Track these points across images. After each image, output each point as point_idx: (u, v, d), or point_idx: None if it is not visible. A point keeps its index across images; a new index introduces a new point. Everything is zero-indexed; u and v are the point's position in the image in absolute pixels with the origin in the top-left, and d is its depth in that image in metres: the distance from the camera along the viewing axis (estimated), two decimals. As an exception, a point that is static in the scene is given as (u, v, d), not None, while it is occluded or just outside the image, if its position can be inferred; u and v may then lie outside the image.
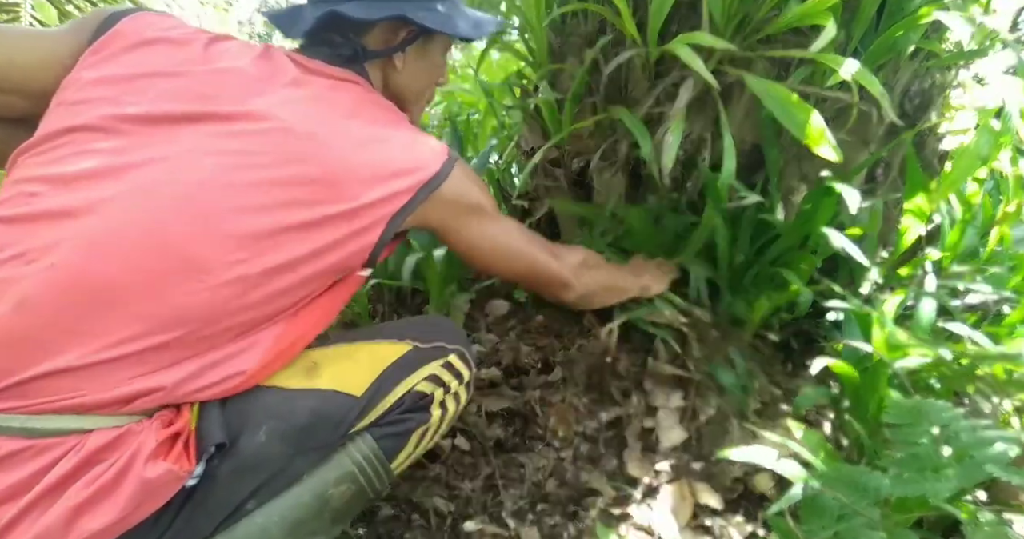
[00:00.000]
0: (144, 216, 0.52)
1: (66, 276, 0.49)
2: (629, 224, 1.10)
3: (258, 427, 0.56)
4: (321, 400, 0.60)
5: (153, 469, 0.49)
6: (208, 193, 0.54)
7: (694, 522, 0.83)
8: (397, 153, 0.63)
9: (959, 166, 0.98)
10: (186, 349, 0.54)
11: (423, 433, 0.68)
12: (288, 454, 0.58)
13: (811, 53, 0.82)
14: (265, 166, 0.56)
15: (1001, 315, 1.02)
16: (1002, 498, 0.80)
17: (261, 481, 0.57)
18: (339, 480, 0.60)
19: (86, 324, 0.49)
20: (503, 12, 1.56)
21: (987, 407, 0.90)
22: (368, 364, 0.64)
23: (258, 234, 0.55)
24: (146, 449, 0.50)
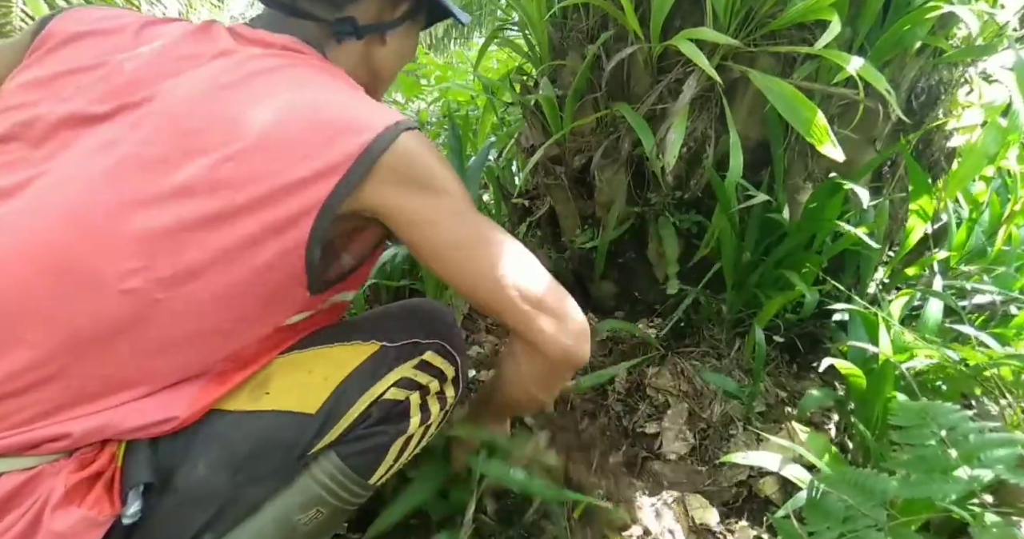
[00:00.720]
0: (31, 235, 0.46)
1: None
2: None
3: (196, 459, 0.50)
4: (267, 424, 0.53)
5: (63, 520, 0.44)
6: (96, 197, 0.47)
7: (698, 527, 0.82)
8: (329, 120, 0.50)
9: (966, 164, 0.96)
10: (91, 385, 0.47)
11: (404, 442, 0.58)
12: (237, 484, 0.52)
13: (816, 49, 0.81)
14: (160, 157, 0.48)
15: (1009, 316, 1.01)
16: (1009, 501, 0.79)
17: (211, 515, 0.51)
18: (305, 505, 0.54)
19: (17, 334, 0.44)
20: (504, 7, 1.54)
21: (994, 409, 0.89)
22: (323, 375, 0.55)
23: (153, 235, 0.46)
24: (55, 497, 0.45)
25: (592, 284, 1.27)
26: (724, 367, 1.06)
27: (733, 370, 1.05)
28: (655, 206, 1.09)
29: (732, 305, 1.08)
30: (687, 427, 0.97)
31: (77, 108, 0.50)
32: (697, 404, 1.01)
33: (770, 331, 1.03)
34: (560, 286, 0.58)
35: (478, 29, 5.46)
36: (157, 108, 0.50)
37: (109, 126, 0.50)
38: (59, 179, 0.48)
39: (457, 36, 6.14)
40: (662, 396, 1.03)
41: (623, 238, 1.16)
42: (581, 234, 1.21)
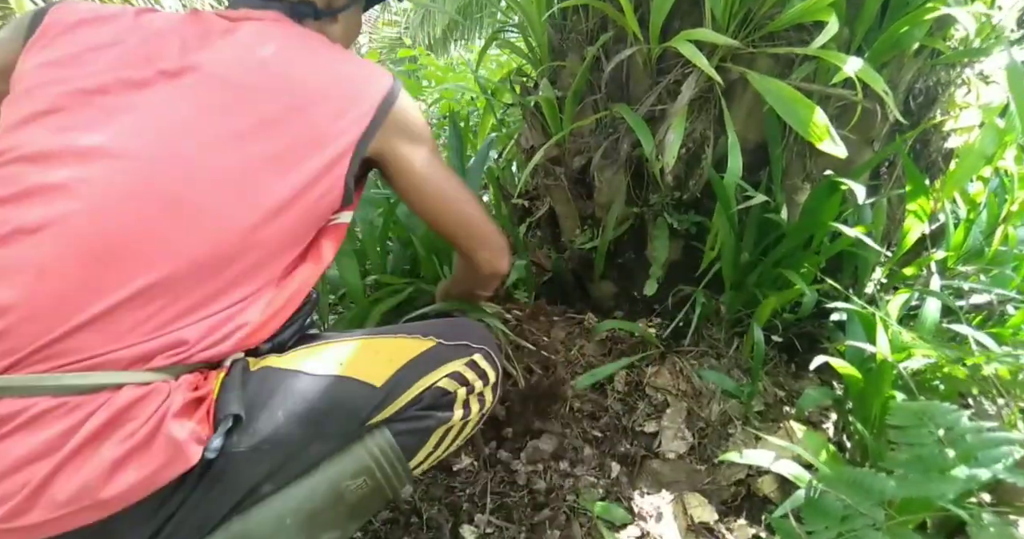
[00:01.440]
0: (136, 175, 0.54)
1: (79, 239, 0.51)
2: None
3: (277, 407, 0.56)
4: (341, 386, 0.60)
5: (180, 429, 0.50)
6: (189, 144, 0.55)
7: (696, 525, 0.82)
8: (350, 76, 0.64)
9: (963, 165, 0.97)
10: (197, 300, 0.55)
11: (444, 432, 0.66)
12: (305, 438, 0.57)
13: (814, 50, 0.81)
14: (231, 109, 0.57)
15: (1006, 315, 1.01)
16: (1007, 500, 0.79)
17: (278, 463, 0.56)
18: (356, 473, 0.59)
19: (105, 280, 0.51)
20: (503, 9, 1.55)
21: (992, 408, 0.89)
22: (389, 356, 0.64)
23: (244, 176, 0.57)
24: (175, 407, 0.51)
25: (592, 284, 1.28)
26: (723, 366, 1.06)
27: (732, 369, 1.05)
28: (654, 207, 1.09)
29: (731, 305, 1.08)
30: (686, 426, 0.97)
31: (119, 77, 0.57)
32: (696, 403, 1.01)
33: (768, 331, 1.03)
34: (492, 220, 0.77)
35: (478, 31, 5.47)
36: (209, 73, 0.58)
37: (163, 88, 0.57)
38: (145, 132, 0.55)
39: (457, 37, 6.15)
40: (661, 395, 1.04)
41: (622, 238, 1.16)
42: (581, 234, 1.22)
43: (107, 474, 0.47)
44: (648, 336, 1.11)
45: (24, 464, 0.46)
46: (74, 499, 0.46)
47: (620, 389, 1.05)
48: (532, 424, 0.97)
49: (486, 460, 0.93)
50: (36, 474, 0.45)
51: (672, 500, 0.86)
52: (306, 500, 0.57)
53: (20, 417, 0.46)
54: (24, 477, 0.45)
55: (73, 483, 0.46)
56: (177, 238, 0.54)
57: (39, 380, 0.47)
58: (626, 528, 0.81)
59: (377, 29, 7.38)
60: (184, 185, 0.55)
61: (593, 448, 0.96)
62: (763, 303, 0.97)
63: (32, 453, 0.46)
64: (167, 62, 0.58)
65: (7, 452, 0.45)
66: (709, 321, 1.13)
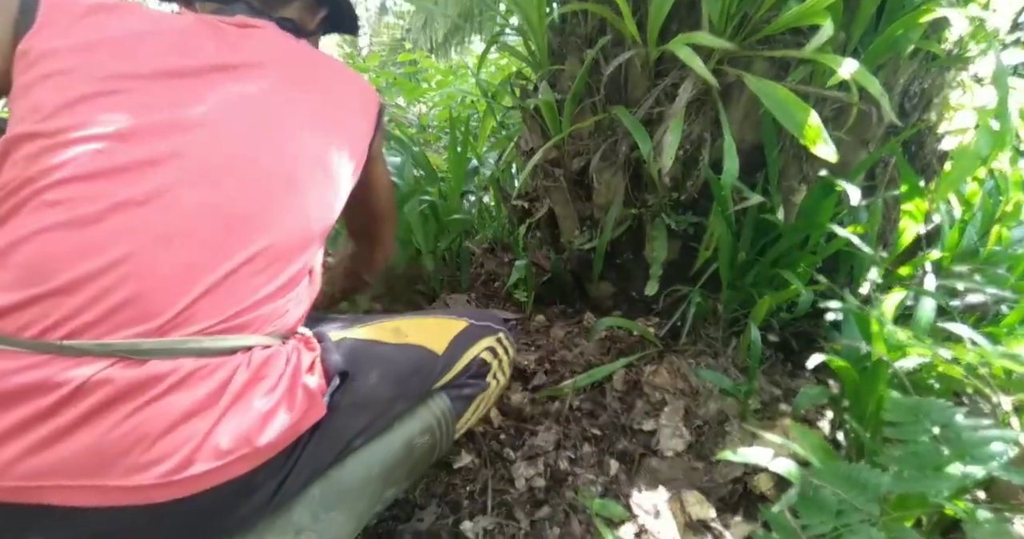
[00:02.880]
0: (234, 148, 0.57)
1: (193, 209, 0.53)
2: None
3: (370, 370, 0.63)
4: (416, 353, 0.69)
5: (312, 380, 0.56)
6: (271, 126, 0.60)
7: (694, 522, 0.83)
8: (358, 84, 0.71)
9: (958, 166, 0.98)
10: (293, 273, 0.59)
11: (480, 400, 0.76)
12: (392, 397, 0.65)
13: (810, 53, 0.82)
14: (295, 100, 0.63)
15: (1000, 315, 1.02)
16: (1001, 497, 0.80)
17: (369, 419, 0.63)
18: (423, 431, 0.68)
19: (227, 247, 0.54)
20: (503, 12, 1.56)
21: (986, 407, 0.90)
22: (440, 331, 0.73)
23: (327, 161, 0.63)
24: (304, 363, 0.57)
25: (590, 284, 1.29)
26: (720, 365, 1.07)
27: (729, 368, 1.06)
28: (652, 208, 1.10)
29: (728, 304, 1.09)
30: (683, 424, 0.98)
31: (176, 64, 0.58)
32: (693, 402, 1.02)
33: (765, 330, 1.04)
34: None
35: (478, 34, 5.49)
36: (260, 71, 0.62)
37: (223, 76, 0.60)
38: (229, 112, 0.58)
39: (458, 41, 6.18)
40: (659, 394, 1.04)
41: (621, 239, 1.17)
42: (579, 235, 1.23)
43: (260, 423, 0.51)
44: (647, 335, 1.12)
45: (186, 418, 0.48)
46: (234, 448, 0.49)
47: (619, 388, 1.06)
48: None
49: (486, 457, 0.94)
50: (199, 427, 0.48)
51: (670, 497, 0.86)
52: (387, 453, 0.65)
53: (171, 377, 0.49)
54: (188, 430, 0.48)
55: (232, 433, 0.49)
56: (280, 210, 0.58)
57: (182, 343, 0.50)
58: (624, 525, 0.82)
59: (378, 32, 7.41)
60: (280, 165, 0.59)
61: (592, 446, 0.97)
62: (760, 303, 0.97)
63: (192, 408, 0.49)
64: (210, 56, 0.60)
65: (168, 409, 0.48)
66: (706, 321, 1.14)
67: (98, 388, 0.46)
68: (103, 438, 0.46)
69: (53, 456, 0.45)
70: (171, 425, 0.48)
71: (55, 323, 0.47)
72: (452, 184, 1.46)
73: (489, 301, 1.41)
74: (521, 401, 1.05)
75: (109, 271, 0.49)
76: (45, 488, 0.45)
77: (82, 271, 0.48)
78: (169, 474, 0.47)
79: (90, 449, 0.45)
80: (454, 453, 0.95)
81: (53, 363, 0.46)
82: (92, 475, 0.45)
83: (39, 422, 0.45)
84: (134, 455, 0.46)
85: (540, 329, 1.27)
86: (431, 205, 1.35)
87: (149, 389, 0.48)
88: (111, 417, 0.46)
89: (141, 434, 0.46)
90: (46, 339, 0.47)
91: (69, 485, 0.45)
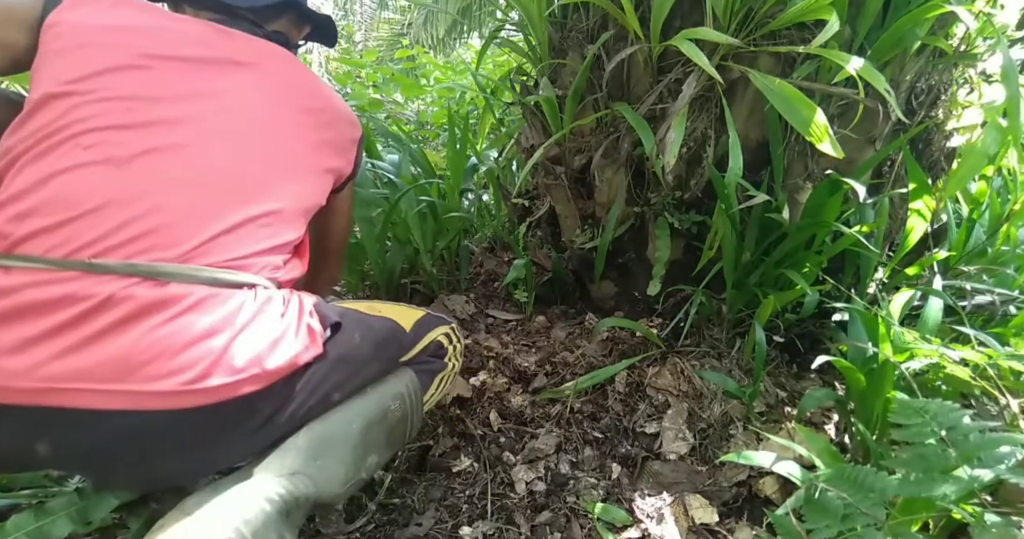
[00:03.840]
0: (250, 123, 0.64)
1: (211, 163, 0.60)
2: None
3: (354, 330, 0.69)
4: (390, 324, 0.76)
5: (314, 322, 0.62)
6: (272, 110, 0.67)
7: (697, 526, 0.82)
8: (345, 105, 0.78)
9: (966, 164, 0.96)
10: (292, 230, 0.66)
11: (441, 379, 0.83)
12: (370, 358, 0.70)
13: (815, 48, 0.81)
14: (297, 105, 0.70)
15: (1008, 315, 1.01)
16: (1009, 501, 0.79)
17: (347, 374, 0.67)
18: (394, 396, 0.74)
19: (240, 198, 0.60)
20: (503, 7, 1.55)
21: (994, 409, 0.88)
22: (405, 314, 0.80)
23: (317, 144, 0.71)
24: (307, 305, 0.63)
25: (592, 284, 1.27)
26: (724, 367, 1.06)
27: (733, 370, 1.05)
28: (655, 206, 1.09)
29: (732, 305, 1.08)
30: (687, 427, 0.97)
31: (196, 53, 0.65)
32: (697, 404, 1.01)
33: (770, 331, 1.03)
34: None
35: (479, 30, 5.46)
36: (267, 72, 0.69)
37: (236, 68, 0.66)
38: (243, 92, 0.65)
39: (457, 37, 6.14)
40: (662, 396, 1.03)
41: (623, 238, 1.16)
42: (581, 234, 1.21)
43: (270, 347, 0.56)
44: (649, 336, 1.11)
45: (205, 336, 0.53)
46: (247, 366, 0.54)
47: (621, 390, 1.05)
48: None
49: (486, 461, 0.92)
50: (216, 344, 0.53)
51: (673, 501, 0.85)
52: (364, 410, 0.69)
53: (189, 299, 0.53)
54: (206, 346, 0.53)
55: (245, 353, 0.54)
56: (286, 178, 0.65)
57: (198, 270, 0.55)
58: (627, 530, 0.81)
59: (377, 26, 7.37)
60: (286, 141, 0.67)
61: (594, 449, 0.95)
62: (764, 303, 0.96)
63: (210, 328, 0.53)
64: (224, 52, 0.66)
65: (188, 326, 0.53)
66: (710, 321, 1.13)
67: (125, 301, 0.51)
68: (130, 347, 0.50)
69: (80, 361, 0.49)
70: (191, 340, 0.52)
71: (84, 245, 0.52)
72: (451, 182, 1.45)
73: (488, 301, 1.40)
74: (521, 403, 1.04)
75: (135, 203, 0.54)
76: (70, 390, 0.48)
77: (111, 201, 0.54)
78: (189, 382, 0.51)
79: (116, 356, 0.50)
80: (453, 457, 0.94)
81: (82, 279, 0.51)
82: (117, 380, 0.49)
83: (68, 329, 0.49)
84: (158, 364, 0.50)
85: (540, 330, 1.26)
86: (429, 203, 1.34)
87: (170, 307, 0.52)
88: (138, 328, 0.51)
89: (165, 346, 0.51)
90: (75, 258, 0.51)
91: (94, 388, 0.49)
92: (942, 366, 0.78)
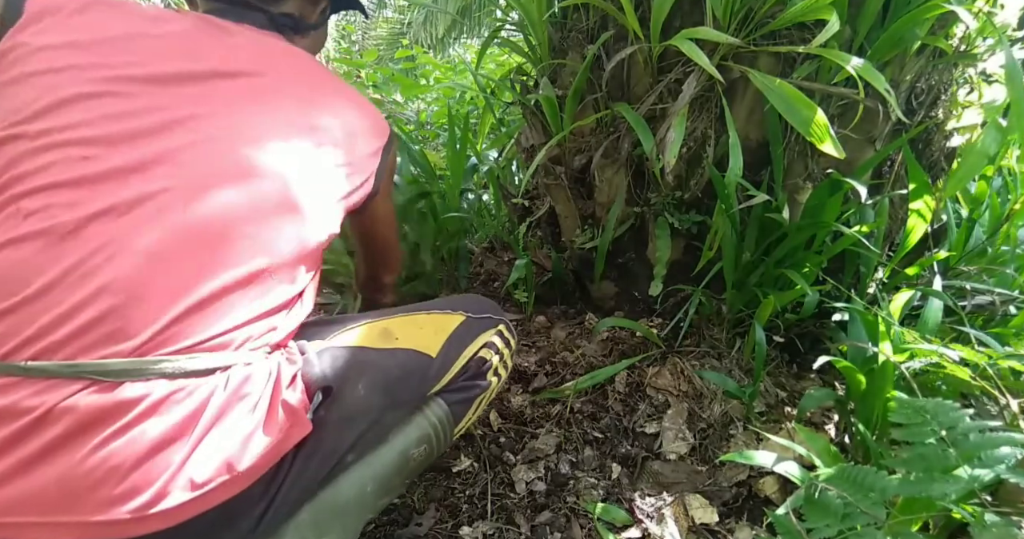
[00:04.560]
0: (229, 163, 0.53)
1: (183, 221, 0.50)
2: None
3: (357, 380, 0.59)
4: (407, 357, 0.65)
5: (292, 396, 0.53)
6: (262, 138, 0.56)
7: (697, 526, 0.82)
8: (366, 111, 0.68)
9: (966, 164, 0.96)
10: (284, 292, 0.56)
11: (480, 400, 0.72)
12: (382, 407, 0.61)
13: (815, 48, 0.81)
14: (296, 118, 0.59)
15: (1008, 316, 1.01)
16: (1009, 500, 0.79)
17: (360, 432, 0.59)
18: (419, 441, 0.65)
19: (215, 264, 0.51)
20: (503, 7, 1.55)
21: (994, 409, 0.88)
22: (432, 330, 0.68)
23: (316, 180, 0.59)
24: (285, 378, 0.54)
25: (592, 284, 1.27)
26: (724, 367, 1.06)
27: (733, 370, 1.05)
28: (655, 206, 1.09)
29: (732, 305, 1.08)
30: (687, 427, 0.97)
31: (172, 69, 0.55)
32: (697, 404, 1.01)
33: (770, 331, 1.03)
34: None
35: (479, 29, 5.46)
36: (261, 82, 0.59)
37: (221, 84, 0.57)
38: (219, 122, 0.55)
39: (456, 36, 6.14)
40: (662, 396, 1.03)
41: (623, 238, 1.16)
42: (581, 234, 1.21)
43: (241, 447, 0.48)
44: (650, 335, 1.11)
45: (161, 448, 0.45)
46: (213, 476, 0.46)
47: (621, 390, 1.05)
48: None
49: (486, 461, 0.92)
50: (175, 456, 0.45)
51: (673, 501, 0.85)
52: (381, 467, 0.61)
53: (144, 403, 0.45)
54: (163, 460, 0.45)
55: (211, 460, 0.47)
56: (271, 232, 0.54)
57: (155, 362, 0.46)
58: (627, 530, 0.81)
59: (376, 25, 7.37)
60: (277, 180, 0.55)
61: (594, 449, 0.95)
62: (764, 303, 0.96)
63: (166, 436, 0.45)
64: (211, 62, 0.57)
65: (141, 438, 0.44)
66: (710, 321, 1.13)
67: (64, 415, 0.43)
68: (71, 471, 0.43)
69: (21, 489, 0.42)
70: (144, 455, 0.44)
71: (22, 343, 0.44)
72: (451, 182, 1.45)
73: (489, 300, 1.40)
74: (521, 403, 1.04)
75: (82, 285, 0.45)
76: (11, 525, 0.42)
77: (54, 283, 0.45)
78: (143, 508, 0.44)
79: (59, 482, 0.42)
80: (453, 457, 0.94)
81: (18, 387, 0.43)
82: (63, 511, 0.42)
83: (4, 452, 0.42)
84: (106, 488, 0.43)
85: (541, 330, 1.26)
86: (429, 203, 1.34)
87: (119, 416, 0.44)
88: (79, 448, 0.43)
89: (112, 466, 0.43)
90: (11, 360, 0.44)
91: (38, 521, 0.42)
92: (942, 366, 0.78)
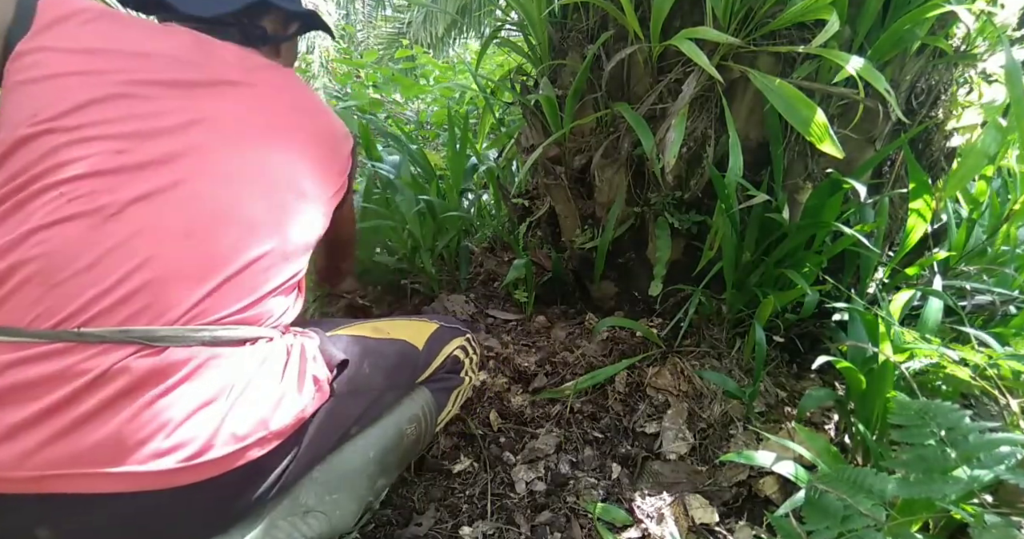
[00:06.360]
0: (246, 155, 0.60)
1: (211, 206, 0.56)
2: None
3: (363, 361, 0.67)
4: (401, 346, 0.74)
5: (319, 369, 0.60)
6: (268, 136, 0.63)
7: (697, 526, 0.82)
8: (336, 118, 0.75)
9: (966, 164, 0.96)
10: (295, 267, 0.62)
11: (457, 395, 0.82)
12: (383, 386, 0.70)
13: (815, 48, 0.81)
14: (292, 124, 0.66)
15: (1008, 315, 1.01)
16: (1009, 501, 0.79)
17: (364, 407, 0.67)
18: (411, 420, 0.73)
19: (240, 243, 0.57)
20: (503, 7, 1.55)
21: (994, 409, 0.88)
22: (416, 330, 0.78)
23: (317, 167, 0.67)
24: (309, 351, 0.61)
25: (592, 284, 1.27)
26: (724, 367, 1.06)
27: (733, 370, 1.05)
28: (655, 206, 1.09)
29: (732, 305, 1.08)
30: (687, 427, 0.97)
31: (185, 76, 0.60)
32: (697, 404, 1.01)
33: (770, 331, 1.03)
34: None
35: (479, 29, 5.45)
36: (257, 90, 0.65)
37: (229, 90, 0.62)
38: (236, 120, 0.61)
39: (456, 35, 6.14)
40: (662, 396, 1.03)
41: (623, 238, 1.16)
42: (581, 234, 1.21)
43: (274, 406, 0.54)
44: (650, 335, 1.11)
45: (205, 404, 0.50)
46: (251, 432, 0.52)
47: (621, 390, 1.05)
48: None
49: (486, 461, 0.92)
50: (217, 412, 0.50)
51: (673, 501, 0.85)
52: (381, 438, 0.69)
53: (188, 365, 0.50)
54: (207, 415, 0.50)
55: (248, 417, 0.52)
56: (288, 214, 0.61)
57: (196, 331, 0.52)
58: (627, 530, 0.81)
59: (375, 26, 7.36)
60: (287, 173, 0.62)
61: (594, 449, 0.95)
62: (764, 303, 0.96)
63: (210, 395, 0.51)
64: (215, 71, 0.62)
65: (187, 396, 0.50)
66: (710, 321, 1.13)
67: (119, 375, 0.48)
68: (125, 426, 0.47)
69: (74, 444, 0.46)
70: (190, 411, 0.49)
71: (74, 312, 0.48)
72: (451, 182, 1.45)
73: (488, 301, 1.40)
74: (521, 403, 1.04)
75: (126, 261, 0.50)
76: (64, 476, 0.45)
77: (101, 259, 0.50)
78: (190, 458, 0.48)
79: (111, 437, 0.46)
80: (453, 457, 0.94)
81: (72, 352, 0.47)
82: (114, 462, 0.46)
83: (59, 411, 0.46)
84: (155, 441, 0.47)
85: (541, 330, 1.26)
86: (429, 203, 1.34)
87: (168, 376, 0.49)
88: (133, 404, 0.48)
89: (161, 421, 0.48)
90: (64, 328, 0.48)
91: (90, 472, 0.46)
92: (942, 366, 0.78)
